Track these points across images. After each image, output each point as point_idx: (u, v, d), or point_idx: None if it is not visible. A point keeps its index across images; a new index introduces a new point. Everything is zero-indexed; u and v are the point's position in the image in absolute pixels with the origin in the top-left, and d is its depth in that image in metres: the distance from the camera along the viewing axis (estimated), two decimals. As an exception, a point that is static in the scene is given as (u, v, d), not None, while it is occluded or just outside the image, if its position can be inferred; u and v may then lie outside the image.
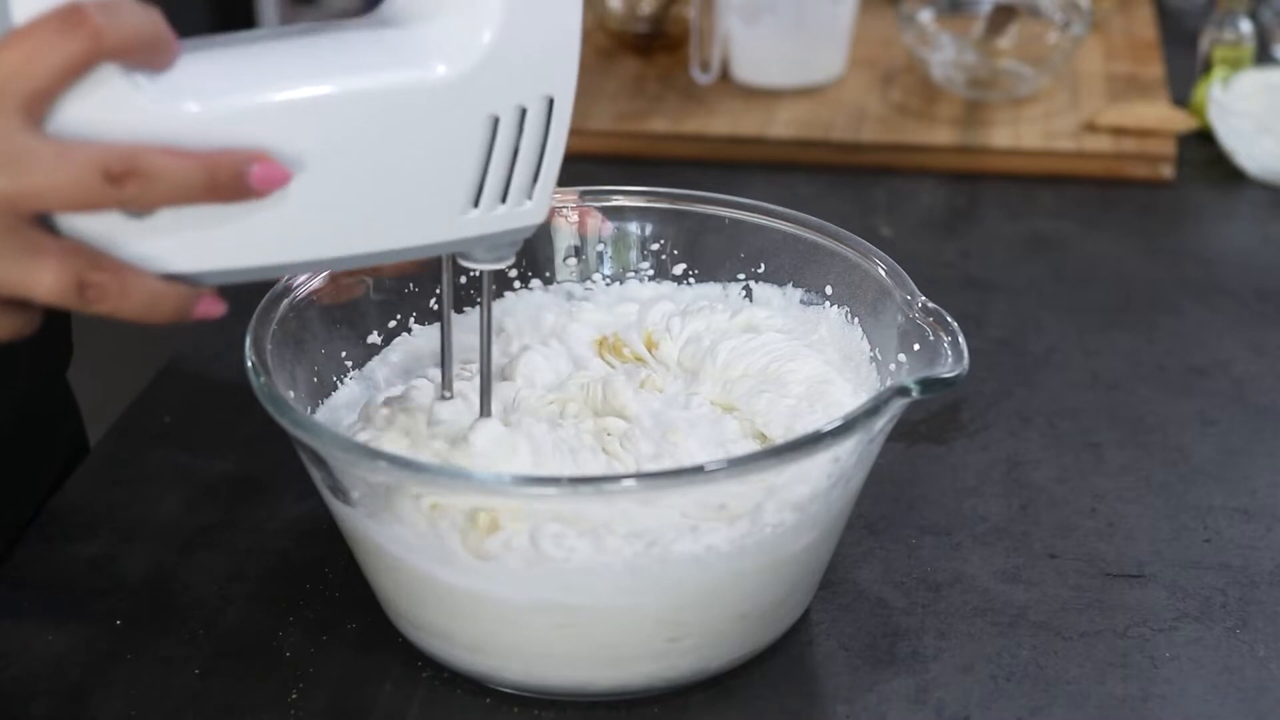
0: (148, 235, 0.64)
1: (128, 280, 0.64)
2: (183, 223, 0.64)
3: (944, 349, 0.81)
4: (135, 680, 0.83)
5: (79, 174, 0.61)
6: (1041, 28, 1.48)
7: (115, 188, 0.62)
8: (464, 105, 0.68)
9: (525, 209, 0.72)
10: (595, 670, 0.80)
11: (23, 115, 0.61)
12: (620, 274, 0.97)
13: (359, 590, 0.85)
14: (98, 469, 0.99)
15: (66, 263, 0.63)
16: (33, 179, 0.61)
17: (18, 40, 0.61)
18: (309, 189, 0.66)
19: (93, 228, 0.64)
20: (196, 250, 0.66)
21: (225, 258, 0.66)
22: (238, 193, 0.64)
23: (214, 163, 0.63)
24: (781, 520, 0.78)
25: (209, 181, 0.63)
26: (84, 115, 0.62)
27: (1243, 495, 0.96)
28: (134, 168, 0.62)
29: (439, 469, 0.79)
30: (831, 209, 1.26)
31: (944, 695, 0.82)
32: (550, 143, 0.71)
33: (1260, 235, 1.30)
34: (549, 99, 0.70)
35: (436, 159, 0.69)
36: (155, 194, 0.63)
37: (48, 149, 0.61)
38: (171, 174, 0.62)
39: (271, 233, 0.66)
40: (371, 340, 0.92)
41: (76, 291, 0.63)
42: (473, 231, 0.72)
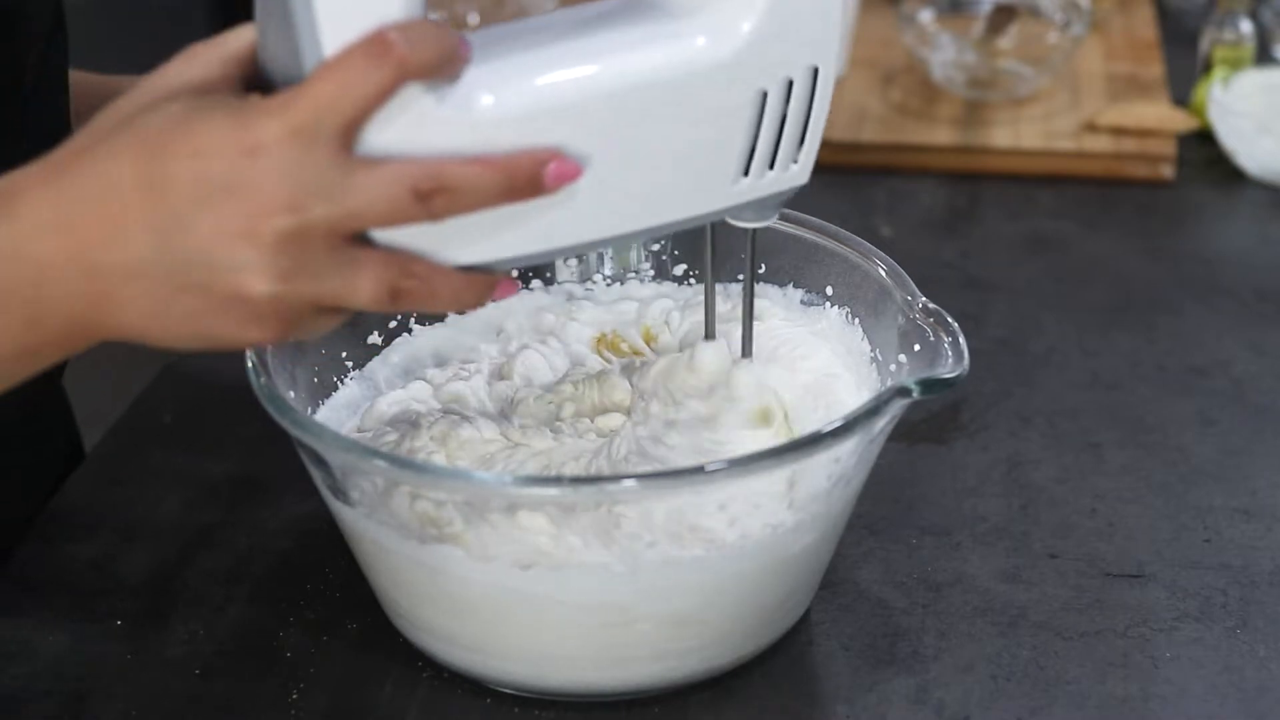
0: (448, 235, 0.67)
1: (434, 279, 0.68)
2: (479, 220, 0.67)
3: (944, 349, 0.80)
4: (135, 680, 0.83)
5: (392, 194, 0.65)
6: (1041, 28, 1.48)
7: (424, 204, 0.65)
8: (735, 83, 0.71)
9: (792, 172, 0.75)
10: (596, 670, 0.80)
11: (338, 143, 0.64)
12: (621, 274, 0.97)
13: (359, 590, 0.85)
14: (98, 469, 0.99)
15: (382, 272, 0.66)
16: (352, 204, 0.64)
17: (330, 72, 0.63)
18: (594, 176, 0.69)
19: (401, 236, 0.67)
20: (491, 243, 0.68)
21: (517, 247, 0.69)
22: (534, 192, 0.67)
23: (512, 167, 0.66)
24: (782, 520, 0.78)
25: (508, 185, 0.66)
26: (392, 134, 0.65)
27: (1243, 495, 0.96)
28: (441, 184, 0.65)
29: (439, 469, 0.79)
30: (831, 209, 1.25)
31: (944, 695, 0.82)
32: (815, 109, 0.74)
33: (1260, 235, 1.30)
34: (814, 69, 0.73)
35: (710, 136, 0.71)
36: (461, 204, 0.66)
37: (363, 175, 0.64)
38: (474, 184, 0.66)
39: (559, 219, 0.69)
40: (372, 340, 0.92)
41: (390, 297, 0.67)
42: (743, 199, 0.74)
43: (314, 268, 0.65)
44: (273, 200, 0.63)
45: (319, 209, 0.64)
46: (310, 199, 0.63)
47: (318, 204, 0.64)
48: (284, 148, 0.63)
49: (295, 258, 0.64)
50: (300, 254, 0.64)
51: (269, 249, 0.64)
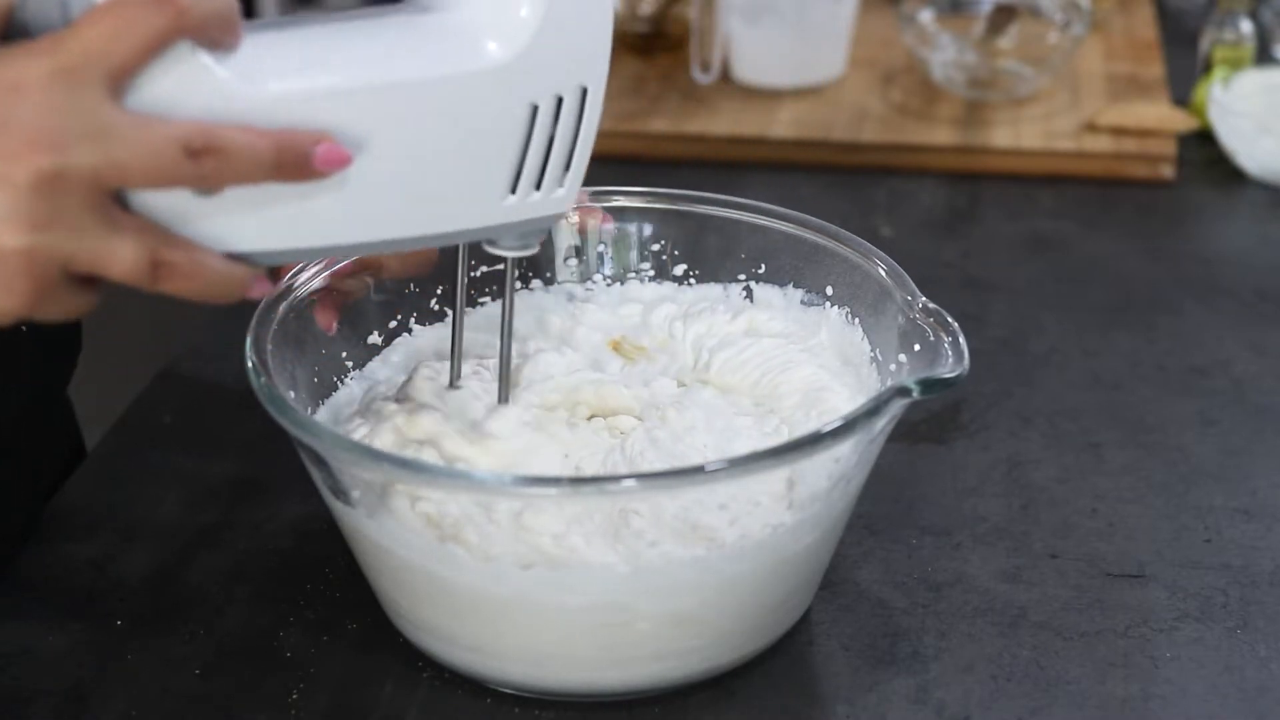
0: (213, 214, 0.66)
1: (197, 259, 0.66)
2: (245, 203, 0.66)
3: (944, 349, 0.81)
4: (136, 680, 0.83)
5: (161, 148, 0.62)
6: (1042, 28, 1.49)
7: (194, 163, 0.63)
8: (510, 91, 0.71)
9: (557, 196, 0.75)
10: (596, 671, 0.80)
11: (107, 89, 0.62)
12: (621, 274, 0.97)
13: (359, 590, 0.85)
14: (98, 469, 0.99)
15: (143, 239, 0.64)
16: (117, 153, 0.62)
17: (103, 14, 0.61)
18: (364, 171, 0.69)
19: (163, 205, 0.65)
20: (255, 231, 0.68)
21: (281, 238, 0.69)
22: (301, 172, 0.66)
23: (284, 141, 0.65)
24: (782, 520, 0.78)
25: (277, 159, 0.65)
26: (162, 91, 0.63)
27: (1243, 495, 0.96)
28: (212, 144, 0.63)
29: (439, 469, 0.79)
30: (832, 209, 1.26)
31: (944, 695, 0.82)
32: (582, 133, 0.74)
33: (1260, 235, 1.30)
34: (583, 89, 0.73)
35: (482, 144, 0.72)
36: (229, 171, 0.64)
37: (131, 123, 0.62)
38: (245, 151, 0.64)
39: (324, 215, 0.69)
40: (372, 341, 0.92)
41: (150, 269, 0.64)
42: (509, 218, 0.75)
43: (71, 220, 0.62)
44: (32, 140, 0.60)
45: (81, 153, 0.61)
46: (72, 141, 0.61)
47: (80, 148, 0.61)
48: (47, 87, 0.60)
49: (51, 204, 0.61)
50: (57, 201, 0.61)
51: (24, 191, 0.60)
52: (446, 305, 0.94)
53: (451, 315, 0.83)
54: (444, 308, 0.94)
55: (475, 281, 0.93)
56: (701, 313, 0.92)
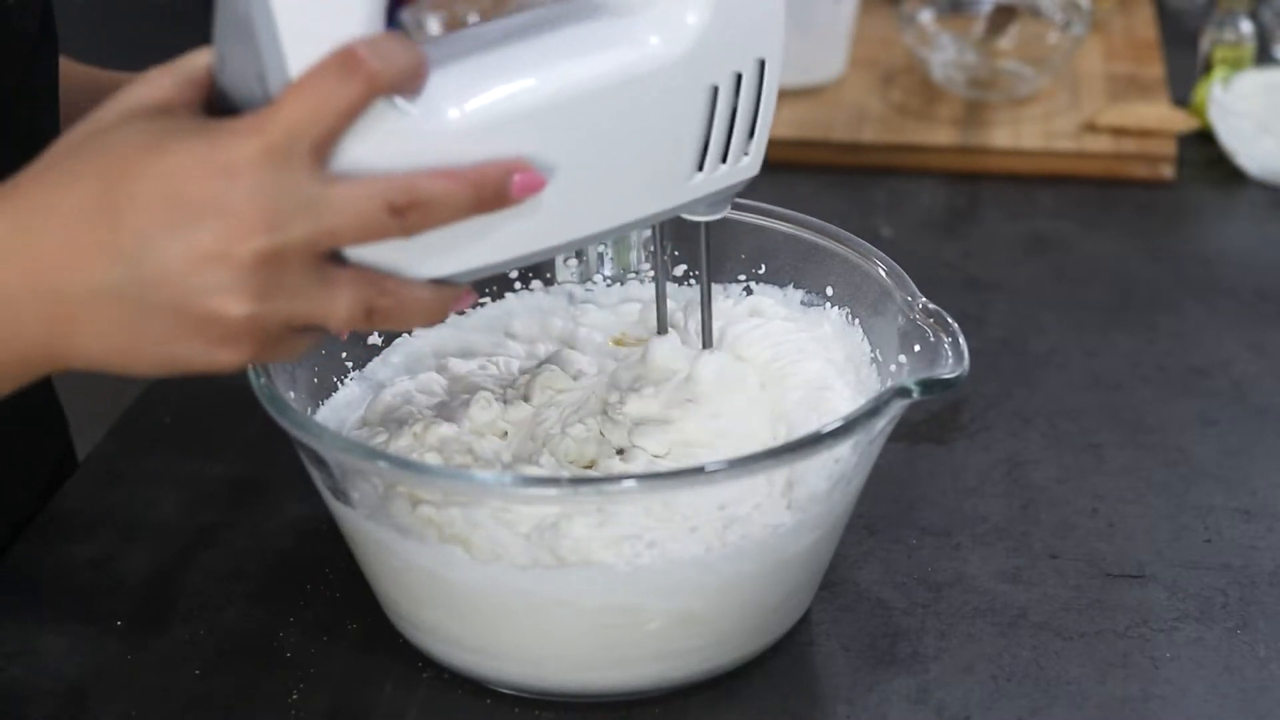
0: (417, 250, 0.68)
1: (405, 296, 0.68)
2: (445, 234, 0.68)
3: (944, 350, 0.80)
4: (135, 680, 0.83)
5: (367, 211, 0.65)
6: (1042, 28, 1.48)
7: (398, 219, 0.65)
8: (686, 80, 0.72)
9: (743, 165, 0.76)
10: (596, 671, 0.80)
11: (312, 161, 0.64)
12: (621, 275, 0.97)
13: (359, 590, 0.85)
14: (98, 470, 0.99)
15: (356, 291, 0.66)
16: (327, 221, 0.64)
17: (301, 91, 0.63)
18: (557, 183, 0.69)
19: (372, 253, 0.67)
20: (458, 255, 0.69)
21: (482, 257, 0.70)
22: (501, 203, 0.68)
23: (480, 179, 0.67)
24: (782, 521, 0.78)
25: (476, 198, 0.67)
26: (362, 150, 0.65)
27: (1243, 495, 0.96)
28: (415, 198, 0.65)
29: (439, 470, 0.79)
30: (831, 209, 1.26)
31: (944, 696, 0.82)
32: (763, 101, 0.74)
33: (1260, 235, 1.30)
34: (761, 61, 0.73)
35: (664, 134, 0.72)
36: (434, 218, 0.66)
37: (338, 191, 0.64)
38: (445, 197, 0.66)
39: (523, 228, 0.70)
40: (372, 341, 0.92)
41: (365, 315, 0.67)
42: (698, 194, 0.75)
43: (290, 287, 0.64)
44: (249, 221, 0.63)
45: (296, 228, 0.63)
46: (287, 218, 0.63)
47: (294, 223, 0.63)
48: (259, 168, 0.63)
49: (272, 278, 0.64)
50: (277, 274, 0.64)
51: (246, 269, 0.63)
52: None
53: (655, 284, 0.86)
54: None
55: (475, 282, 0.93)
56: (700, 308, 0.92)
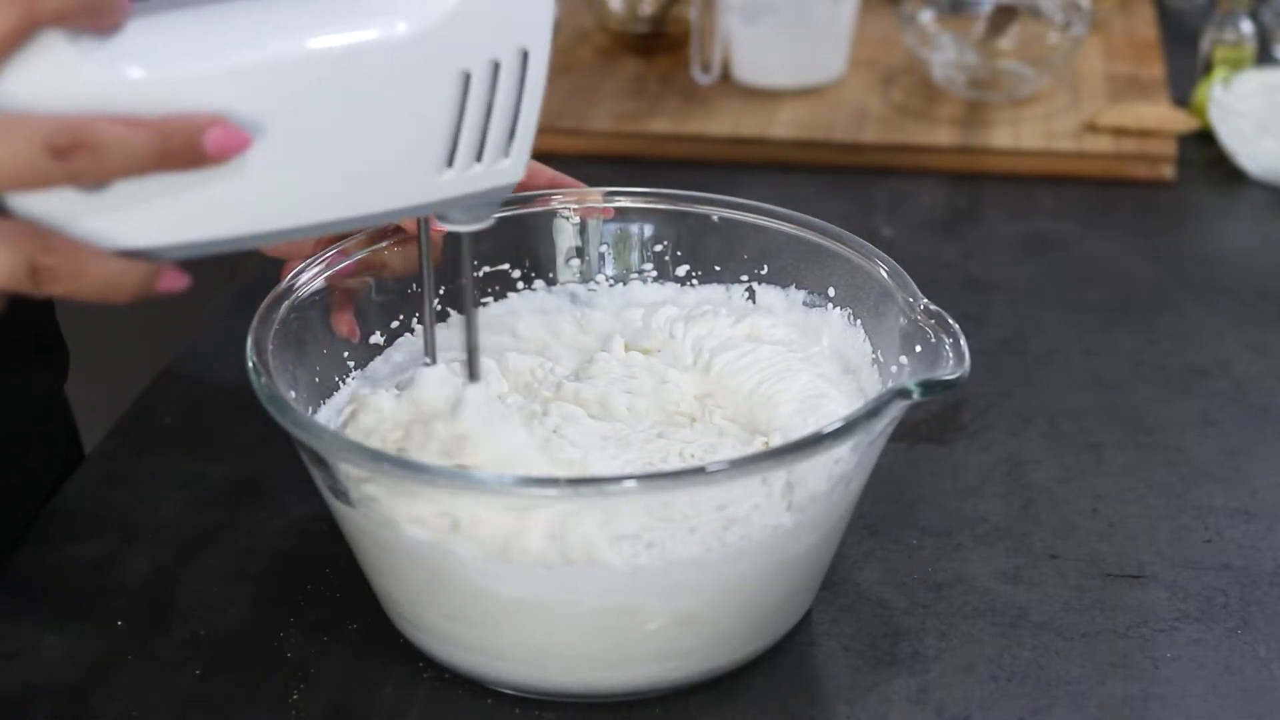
0: (101, 211, 0.61)
1: (82, 260, 0.62)
2: (138, 196, 0.62)
3: (945, 351, 0.80)
4: (136, 681, 0.83)
5: (22, 151, 0.59)
6: (1042, 28, 1.49)
7: (63, 162, 0.59)
8: (431, 62, 0.65)
9: (502, 167, 0.70)
10: (596, 672, 0.80)
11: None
12: (624, 275, 0.97)
13: (360, 591, 0.85)
14: (98, 470, 0.99)
15: (16, 245, 0.60)
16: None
17: None
18: (271, 155, 0.63)
19: (42, 206, 0.61)
20: (154, 224, 0.63)
21: (185, 231, 0.63)
22: (193, 160, 0.61)
23: (167, 129, 0.60)
24: (782, 522, 0.78)
25: (162, 149, 0.60)
26: (26, 87, 0.59)
27: (1244, 495, 0.96)
28: (81, 140, 0.59)
29: (439, 470, 0.79)
30: (832, 209, 1.26)
31: (945, 696, 0.82)
32: (526, 97, 0.68)
33: (1261, 235, 1.30)
34: (523, 51, 0.67)
35: (406, 119, 0.66)
36: (106, 166, 0.60)
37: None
38: (122, 144, 0.60)
39: (234, 202, 0.64)
40: (374, 341, 0.92)
41: (29, 275, 0.61)
42: (448, 193, 0.69)
43: None
44: None
45: None
46: None
47: None
48: None
49: None
50: None
51: None
52: (450, 305, 0.94)
53: (422, 291, 0.80)
54: (447, 308, 0.94)
55: (477, 282, 0.93)
56: (704, 315, 0.92)
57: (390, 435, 0.81)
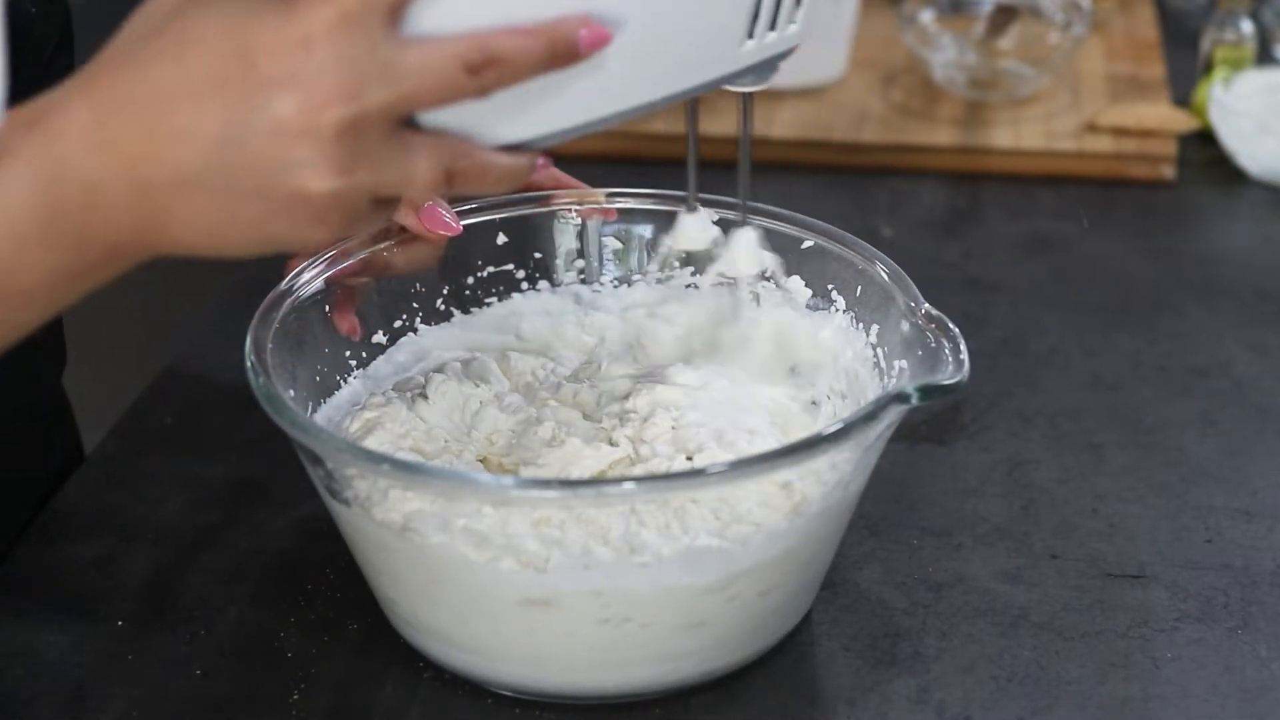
0: (492, 114, 0.68)
1: (484, 160, 0.68)
2: (514, 99, 0.68)
3: (945, 355, 0.80)
4: (136, 681, 0.83)
5: (443, 71, 0.64)
6: (1042, 28, 1.48)
7: (475, 77, 0.65)
8: None
9: (790, 32, 0.76)
10: (596, 673, 0.80)
11: (386, 27, 0.63)
12: (627, 276, 0.97)
13: (360, 591, 0.85)
14: (98, 470, 0.99)
15: (437, 155, 0.66)
16: (406, 86, 0.64)
17: None
18: (617, 44, 0.70)
19: (450, 117, 0.67)
20: (527, 121, 0.69)
21: (549, 123, 0.70)
22: (570, 58, 0.67)
23: (553, 34, 0.66)
24: (781, 524, 0.78)
25: (550, 51, 0.66)
26: (436, 13, 0.65)
27: (1244, 496, 0.96)
28: (490, 55, 0.65)
29: (439, 471, 0.79)
30: (832, 209, 1.25)
31: (945, 696, 0.82)
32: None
33: (1261, 236, 1.30)
34: None
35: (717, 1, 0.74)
36: (510, 75, 0.66)
37: (413, 54, 0.64)
38: (520, 54, 0.66)
39: (584, 94, 0.70)
40: (376, 340, 0.92)
41: (446, 180, 0.67)
42: (749, 61, 0.76)
43: (372, 157, 0.64)
44: (329, 92, 0.62)
45: (375, 94, 0.63)
46: (365, 85, 0.63)
47: (372, 89, 0.63)
48: (334, 37, 0.62)
49: (354, 149, 0.63)
50: (358, 144, 0.63)
51: (328, 142, 0.63)
52: (452, 305, 0.94)
53: (688, 151, 0.88)
54: (449, 307, 0.94)
55: (481, 282, 0.94)
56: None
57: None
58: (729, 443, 0.83)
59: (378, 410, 0.85)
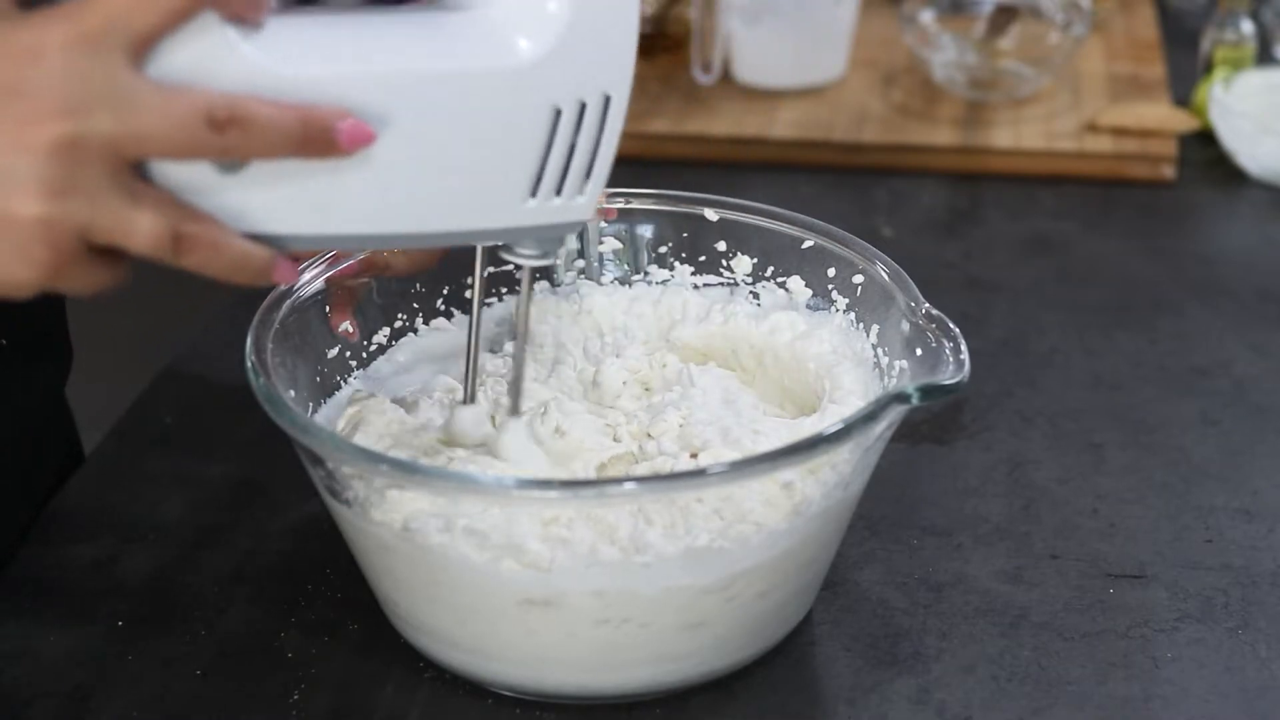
0: (235, 191, 0.66)
1: (220, 236, 0.65)
2: (267, 182, 0.66)
3: (945, 355, 0.80)
4: (137, 681, 0.83)
5: (184, 118, 0.62)
6: (1043, 28, 1.49)
7: (217, 135, 0.62)
8: (533, 91, 0.72)
9: (577, 204, 0.75)
10: (597, 674, 0.80)
11: (129, 57, 0.61)
12: (626, 276, 0.97)
13: (360, 591, 0.85)
14: (99, 470, 0.99)
15: (164, 211, 0.63)
16: (138, 122, 0.61)
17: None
18: (386, 158, 0.69)
19: (185, 178, 0.65)
20: (278, 211, 0.68)
21: (303, 222, 0.69)
22: (326, 148, 0.66)
23: (309, 116, 0.65)
24: (781, 524, 0.78)
25: (302, 133, 0.65)
26: (186, 62, 0.63)
27: (1244, 495, 0.96)
28: (236, 115, 0.63)
29: (438, 471, 0.79)
30: (833, 210, 1.26)
31: (946, 696, 0.82)
32: (604, 139, 0.74)
33: (1261, 236, 1.30)
34: (606, 96, 0.74)
35: (505, 143, 0.72)
36: (253, 144, 0.64)
37: (153, 92, 0.62)
38: (270, 124, 0.63)
39: (346, 201, 0.69)
40: (377, 340, 0.92)
41: (171, 243, 0.64)
42: (528, 220, 0.75)
43: (89, 188, 0.61)
44: (50, 106, 0.60)
45: (100, 120, 0.60)
46: (91, 107, 0.60)
47: (99, 115, 0.60)
48: (67, 52, 0.60)
49: (69, 171, 0.60)
50: (75, 168, 0.60)
51: (41, 158, 0.60)
52: (453, 305, 0.94)
53: (470, 325, 0.83)
54: (450, 307, 0.94)
55: (483, 282, 0.93)
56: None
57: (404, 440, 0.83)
58: (734, 440, 0.83)
59: (360, 405, 0.85)
